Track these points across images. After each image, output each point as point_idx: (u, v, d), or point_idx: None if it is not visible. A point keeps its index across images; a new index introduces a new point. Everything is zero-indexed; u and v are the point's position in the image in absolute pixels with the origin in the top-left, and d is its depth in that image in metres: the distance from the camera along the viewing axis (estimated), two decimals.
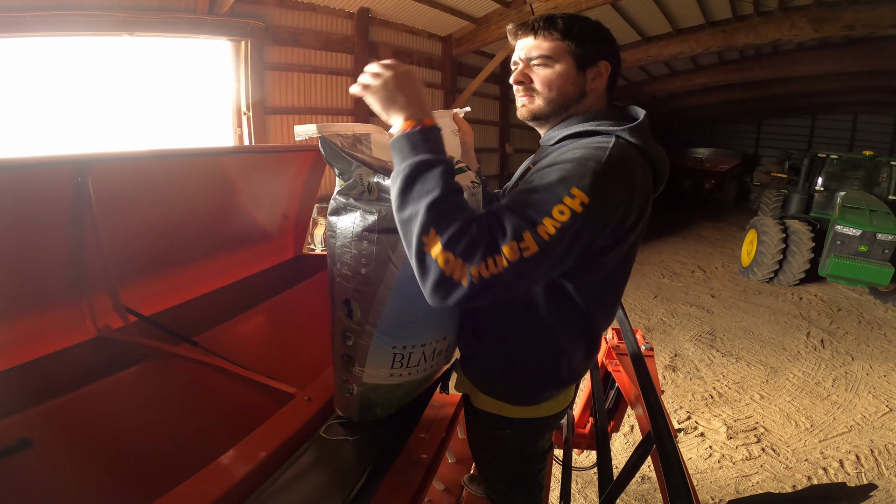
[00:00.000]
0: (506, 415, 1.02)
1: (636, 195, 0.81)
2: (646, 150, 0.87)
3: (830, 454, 3.11)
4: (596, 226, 0.76)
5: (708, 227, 10.55)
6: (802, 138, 14.67)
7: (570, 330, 0.94)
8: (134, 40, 3.95)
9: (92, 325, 1.24)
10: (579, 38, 0.91)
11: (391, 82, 0.78)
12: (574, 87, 0.93)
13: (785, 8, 5.84)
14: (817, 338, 4.96)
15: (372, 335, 0.88)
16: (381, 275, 0.84)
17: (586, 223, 0.73)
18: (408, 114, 0.77)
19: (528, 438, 1.10)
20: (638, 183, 0.82)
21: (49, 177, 1.09)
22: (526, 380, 0.99)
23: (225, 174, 1.52)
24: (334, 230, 0.88)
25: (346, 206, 0.86)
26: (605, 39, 0.95)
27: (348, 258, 0.86)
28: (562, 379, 1.01)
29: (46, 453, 1.02)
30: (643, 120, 0.90)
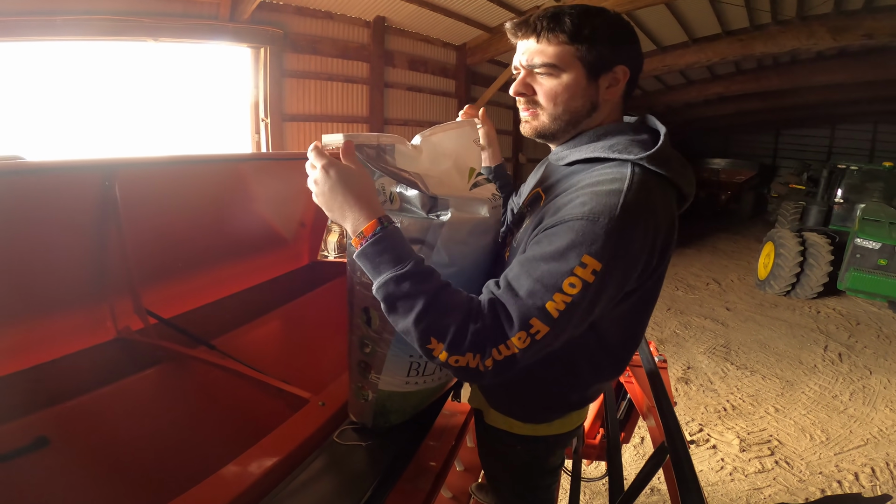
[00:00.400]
0: (516, 432, 1.00)
1: (660, 234, 0.74)
2: (670, 177, 0.76)
3: (846, 467, 3.05)
4: (614, 285, 0.70)
5: (724, 240, 10.39)
6: (822, 149, 14.44)
7: (592, 360, 0.89)
8: (158, 46, 4.07)
9: (112, 327, 1.27)
10: (592, 39, 0.76)
11: (327, 189, 0.74)
12: (584, 99, 0.80)
13: (803, 17, 5.78)
14: (835, 351, 4.86)
15: (390, 343, 0.88)
16: None
17: (602, 287, 0.68)
18: (353, 227, 0.73)
19: (539, 455, 1.07)
20: (661, 220, 0.74)
21: (78, 180, 1.12)
22: (540, 401, 0.97)
23: (244, 181, 1.56)
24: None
25: None
26: (625, 38, 0.80)
27: None
28: (575, 401, 0.98)
29: (63, 453, 1.04)
30: (664, 140, 0.78)
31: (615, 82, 0.80)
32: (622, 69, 0.79)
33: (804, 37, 5.84)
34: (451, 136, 0.87)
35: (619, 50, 0.79)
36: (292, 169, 1.81)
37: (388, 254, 0.70)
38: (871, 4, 5.30)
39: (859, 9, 5.42)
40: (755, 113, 11.83)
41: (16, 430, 1.00)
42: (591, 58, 0.77)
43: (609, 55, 0.78)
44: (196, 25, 4.13)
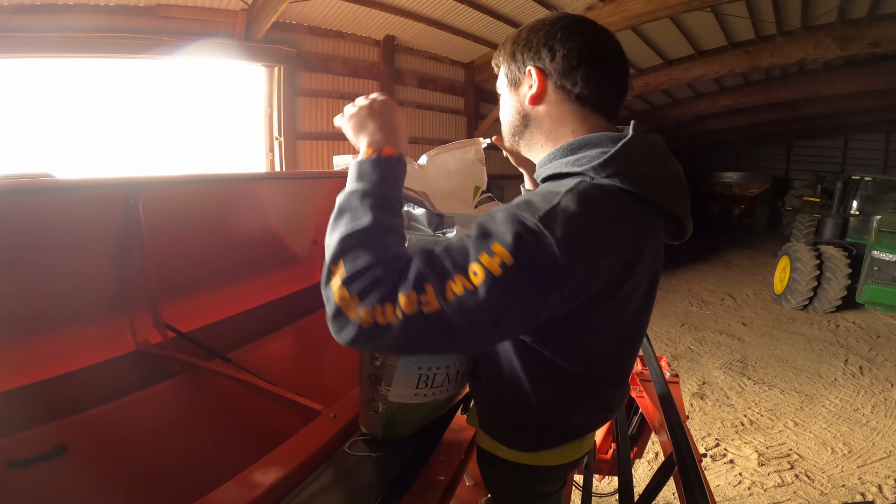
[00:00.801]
0: (502, 456, 0.95)
1: (604, 256, 0.63)
2: (636, 190, 0.67)
3: (869, 479, 2.98)
4: (528, 292, 0.60)
5: (738, 254, 10.28)
6: (835, 160, 14.26)
7: (562, 392, 0.82)
8: (177, 63, 4.21)
9: (132, 340, 1.31)
10: (505, 54, 0.79)
11: (365, 110, 0.77)
12: (514, 114, 0.80)
13: (808, 27, 5.80)
14: (855, 365, 4.75)
15: (399, 356, 0.91)
16: None
17: (510, 287, 0.58)
18: (370, 140, 0.74)
19: (527, 482, 1.01)
20: (608, 241, 0.64)
21: (104, 197, 1.18)
22: (518, 428, 0.91)
23: (260, 199, 1.61)
24: None
25: None
26: (534, 40, 0.74)
27: None
28: (556, 435, 0.90)
29: (81, 460, 1.07)
30: (625, 143, 0.68)
31: (530, 87, 0.75)
32: (534, 70, 0.74)
33: (810, 47, 5.86)
34: (456, 155, 0.90)
35: (527, 55, 0.75)
36: (303, 187, 1.87)
37: (386, 175, 0.70)
38: (875, 13, 5.30)
39: (864, 17, 5.42)
40: (766, 125, 11.77)
41: (36, 437, 1.04)
42: (507, 71, 0.80)
43: (518, 63, 0.77)
44: (212, 44, 4.28)
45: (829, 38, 5.68)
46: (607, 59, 0.74)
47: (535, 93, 0.75)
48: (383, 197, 0.69)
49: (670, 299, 6.91)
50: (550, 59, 0.73)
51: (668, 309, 6.49)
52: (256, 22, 4.40)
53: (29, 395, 1.08)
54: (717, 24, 6.00)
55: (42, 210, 1.04)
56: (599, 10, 4.91)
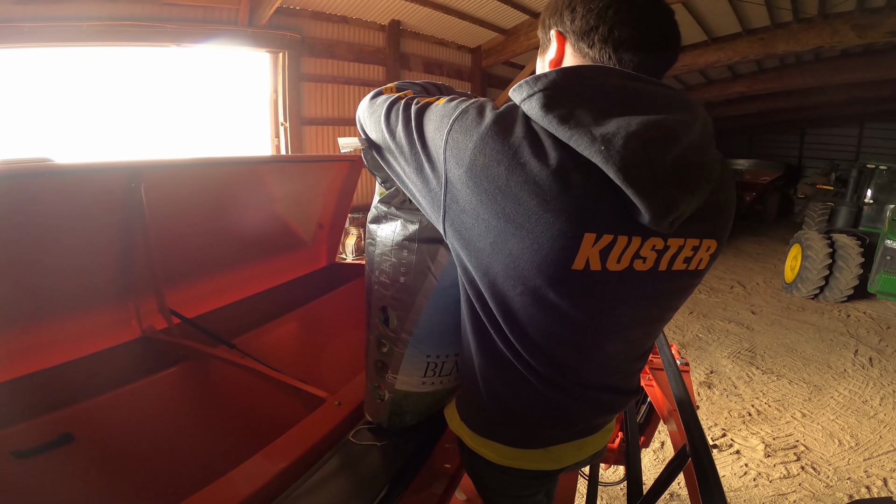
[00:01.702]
0: (466, 442, 0.89)
1: (481, 150, 0.60)
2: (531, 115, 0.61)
3: (875, 472, 2.95)
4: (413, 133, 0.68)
5: (749, 242, 10.12)
6: (850, 148, 13.98)
7: (505, 381, 0.76)
8: (180, 50, 4.18)
9: (137, 326, 1.31)
10: (540, 21, 0.78)
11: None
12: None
13: (825, 14, 5.62)
14: (865, 356, 4.69)
15: (407, 343, 0.89)
16: (419, 284, 0.84)
17: (407, 113, 0.70)
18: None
19: (481, 476, 0.92)
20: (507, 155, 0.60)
21: (105, 181, 1.16)
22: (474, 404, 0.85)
23: (265, 183, 1.59)
24: (374, 238, 0.89)
25: (388, 214, 0.87)
26: (563, 2, 0.72)
27: (387, 266, 0.87)
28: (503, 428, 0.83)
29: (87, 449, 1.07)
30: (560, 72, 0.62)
31: (553, 52, 0.73)
32: (554, 34, 0.72)
33: (827, 35, 5.68)
34: None
35: (551, 18, 0.74)
36: (309, 171, 1.85)
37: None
38: (894, 1, 5.14)
39: (883, 6, 5.26)
40: (779, 112, 11.53)
41: (42, 426, 1.03)
42: (540, 40, 0.78)
43: (546, 28, 0.75)
44: (216, 30, 4.24)
45: (846, 26, 5.49)
46: (634, 17, 0.66)
47: (555, 57, 0.73)
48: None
49: None
50: (571, 21, 0.69)
51: None
52: (260, 8, 4.34)
53: (33, 384, 1.08)
54: (731, 11, 5.84)
55: (42, 195, 1.03)
56: None
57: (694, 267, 0.71)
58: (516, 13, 5.76)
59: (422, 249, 0.83)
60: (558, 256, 0.62)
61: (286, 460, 0.88)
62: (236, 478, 0.84)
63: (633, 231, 0.62)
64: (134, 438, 1.15)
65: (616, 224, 0.61)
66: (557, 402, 0.77)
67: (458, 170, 0.63)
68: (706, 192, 0.64)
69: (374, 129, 0.77)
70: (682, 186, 0.60)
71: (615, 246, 0.62)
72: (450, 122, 0.64)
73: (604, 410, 0.84)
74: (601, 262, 0.63)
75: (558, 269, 0.63)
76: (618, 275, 0.65)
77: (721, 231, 0.72)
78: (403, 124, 0.70)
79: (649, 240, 0.64)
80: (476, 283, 0.70)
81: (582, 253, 0.62)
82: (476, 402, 0.84)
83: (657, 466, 2.93)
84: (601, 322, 0.70)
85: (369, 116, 0.78)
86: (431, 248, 0.82)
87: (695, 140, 0.62)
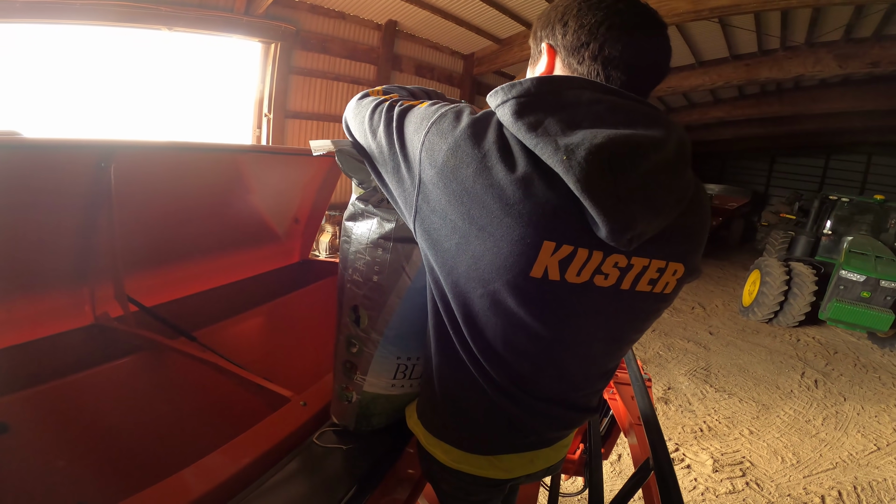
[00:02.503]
0: (419, 439, 0.89)
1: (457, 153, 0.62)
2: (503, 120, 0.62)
3: (813, 490, 3.10)
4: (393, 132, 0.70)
5: (711, 265, 10.46)
6: (815, 178, 14.62)
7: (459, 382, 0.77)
8: (171, 35, 4.05)
9: (90, 312, 1.23)
10: (532, 32, 0.77)
11: None
12: None
13: (811, 43, 5.82)
14: (811, 378, 4.94)
15: (378, 344, 0.87)
16: (392, 283, 0.84)
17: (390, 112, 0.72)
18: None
19: (434, 477, 0.92)
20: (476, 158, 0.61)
21: (74, 159, 1.10)
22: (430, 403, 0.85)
23: (241, 172, 1.54)
24: (349, 235, 0.88)
25: (364, 212, 0.85)
26: (552, 14, 0.72)
27: (361, 264, 0.85)
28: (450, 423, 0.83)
29: (23, 441, 1.00)
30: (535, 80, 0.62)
31: (542, 64, 0.73)
32: (545, 47, 0.72)
33: (810, 63, 5.88)
34: None
35: (543, 31, 0.73)
36: (289, 163, 1.80)
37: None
38: (880, 32, 5.34)
39: (868, 36, 5.47)
40: (752, 139, 11.98)
41: None
42: (531, 51, 0.78)
43: (537, 40, 0.75)
44: (211, 17, 4.12)
45: (829, 56, 5.70)
46: (627, 34, 0.66)
47: (544, 70, 0.72)
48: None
49: None
50: (563, 36, 0.69)
51: None
52: None
53: None
54: (721, 35, 5.98)
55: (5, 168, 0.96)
56: None
57: (660, 290, 0.71)
58: (513, 23, 5.80)
59: (397, 248, 0.82)
60: (517, 261, 0.62)
61: (244, 460, 0.85)
62: (189, 476, 0.80)
63: (595, 245, 0.62)
64: (77, 431, 1.08)
65: (577, 236, 0.61)
66: (509, 411, 0.76)
67: (431, 170, 0.64)
68: (674, 213, 0.64)
69: (358, 129, 0.79)
70: (646, 204, 0.59)
71: (575, 258, 0.62)
72: (428, 125, 0.66)
73: (557, 426, 0.83)
74: (560, 273, 0.63)
75: (516, 275, 0.63)
76: (577, 287, 0.65)
77: (690, 255, 0.72)
78: (385, 125, 0.72)
79: (611, 256, 0.64)
80: (441, 283, 0.71)
81: (540, 261, 0.62)
82: (432, 401, 0.84)
83: (613, 479, 2.99)
84: (558, 334, 0.69)
85: (354, 116, 0.80)
86: (407, 247, 0.82)
87: (667, 159, 0.61)
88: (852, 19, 5.09)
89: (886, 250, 6.28)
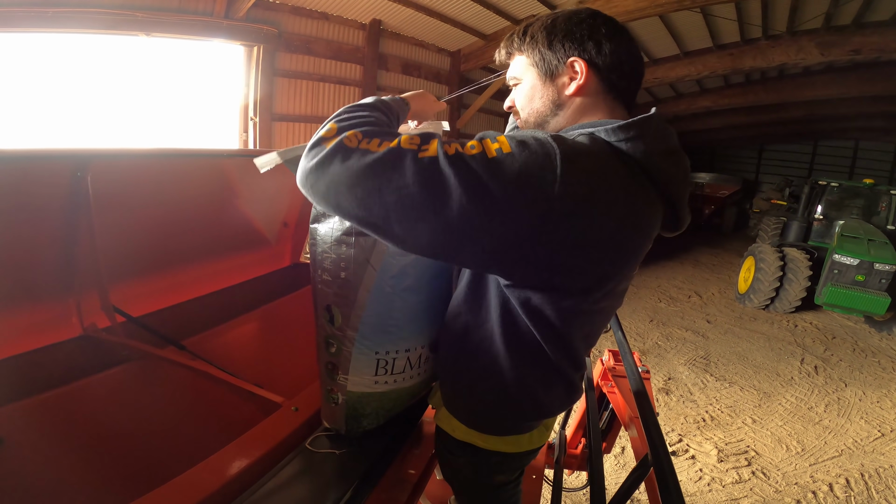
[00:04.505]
0: (458, 437, 0.93)
1: (601, 203, 0.62)
2: (640, 158, 0.67)
3: (820, 478, 3.10)
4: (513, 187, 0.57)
5: (706, 254, 10.53)
6: (803, 165, 14.76)
7: (534, 367, 0.81)
8: (150, 40, 3.99)
9: (78, 324, 1.22)
10: (535, 44, 0.79)
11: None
12: (544, 100, 0.80)
13: (793, 31, 5.87)
14: (811, 364, 4.95)
15: (354, 340, 0.88)
16: (360, 277, 0.85)
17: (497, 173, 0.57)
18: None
19: (481, 470, 0.98)
20: (610, 189, 0.64)
21: (48, 169, 1.08)
22: (488, 408, 0.88)
23: (227, 177, 1.51)
24: (315, 237, 0.89)
25: (326, 212, 0.87)
26: (576, 32, 0.76)
27: (328, 263, 0.87)
28: (527, 420, 0.90)
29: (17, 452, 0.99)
30: (646, 116, 0.69)
31: (574, 77, 0.77)
32: (578, 62, 0.76)
33: (793, 52, 5.94)
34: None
35: (569, 46, 0.76)
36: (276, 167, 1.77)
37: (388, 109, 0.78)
38: (860, 20, 5.40)
39: (848, 24, 5.52)
40: (741, 127, 12.05)
41: None
42: (539, 61, 0.79)
43: (557, 53, 0.77)
44: (190, 21, 4.07)
45: (811, 44, 5.76)
46: (637, 58, 0.81)
47: (581, 83, 0.77)
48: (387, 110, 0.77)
49: (640, 295, 7.03)
50: (597, 52, 0.76)
51: (637, 304, 6.61)
52: (238, 0, 4.21)
53: None
54: (704, 25, 6.02)
55: None
56: (591, 4, 4.86)
57: None
58: (498, 19, 5.79)
59: (360, 242, 0.83)
60: (634, 267, 0.77)
61: (237, 467, 0.84)
62: (182, 484, 0.79)
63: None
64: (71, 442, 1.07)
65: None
66: (574, 380, 0.89)
67: (571, 201, 0.60)
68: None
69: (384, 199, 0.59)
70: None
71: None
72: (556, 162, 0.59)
73: (583, 377, 0.96)
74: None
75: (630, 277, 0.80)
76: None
77: None
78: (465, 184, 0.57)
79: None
80: (538, 301, 0.73)
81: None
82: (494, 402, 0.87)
83: (618, 471, 2.99)
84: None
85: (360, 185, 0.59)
86: (368, 240, 0.83)
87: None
88: (831, 8, 5.13)
89: (879, 233, 6.32)
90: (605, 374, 1.85)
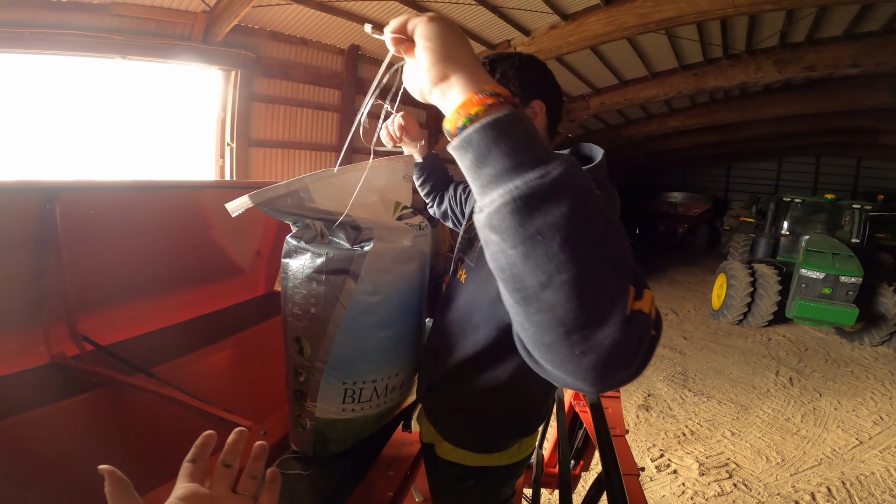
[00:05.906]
0: (469, 464, 1.01)
1: None
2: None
3: (802, 487, 3.14)
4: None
5: (681, 272, 10.79)
6: (770, 182, 15.24)
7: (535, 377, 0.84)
8: (127, 63, 3.98)
9: (45, 352, 1.21)
10: (508, 80, 0.88)
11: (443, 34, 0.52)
12: None
13: (751, 50, 6.13)
14: (786, 376, 5.07)
15: (322, 371, 0.90)
16: (329, 314, 0.87)
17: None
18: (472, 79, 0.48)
19: (491, 487, 1.07)
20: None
21: (16, 201, 1.08)
22: (492, 428, 0.98)
23: (199, 208, 1.53)
24: (287, 272, 0.92)
25: (298, 248, 0.90)
26: (535, 76, 0.89)
27: (299, 298, 0.89)
28: (530, 426, 1.02)
29: None
30: (601, 161, 0.79)
31: (533, 116, 0.89)
32: (537, 103, 0.89)
33: (752, 70, 6.21)
34: (382, 171, 0.92)
35: (531, 87, 0.89)
36: None
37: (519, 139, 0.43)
38: (812, 37, 5.69)
39: (802, 41, 5.81)
40: (709, 146, 12.44)
41: None
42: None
43: (521, 93, 0.88)
44: (168, 45, 4.09)
45: (769, 62, 6.04)
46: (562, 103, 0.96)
47: (536, 121, 0.88)
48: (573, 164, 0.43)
49: None
50: (551, 97, 0.91)
51: None
52: (216, 24, 4.24)
53: None
54: (669, 46, 6.26)
55: None
56: (562, 29, 5.04)
57: None
58: (475, 45, 5.96)
59: (330, 280, 0.86)
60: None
61: None
62: None
63: None
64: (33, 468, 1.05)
65: None
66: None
67: None
68: None
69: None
70: None
71: None
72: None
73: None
74: None
75: None
76: None
77: None
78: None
79: None
80: None
81: None
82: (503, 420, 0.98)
83: None
84: None
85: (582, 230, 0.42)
86: (338, 279, 0.86)
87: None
88: (785, 26, 5.40)
89: (843, 247, 6.56)
90: (577, 395, 1.89)
